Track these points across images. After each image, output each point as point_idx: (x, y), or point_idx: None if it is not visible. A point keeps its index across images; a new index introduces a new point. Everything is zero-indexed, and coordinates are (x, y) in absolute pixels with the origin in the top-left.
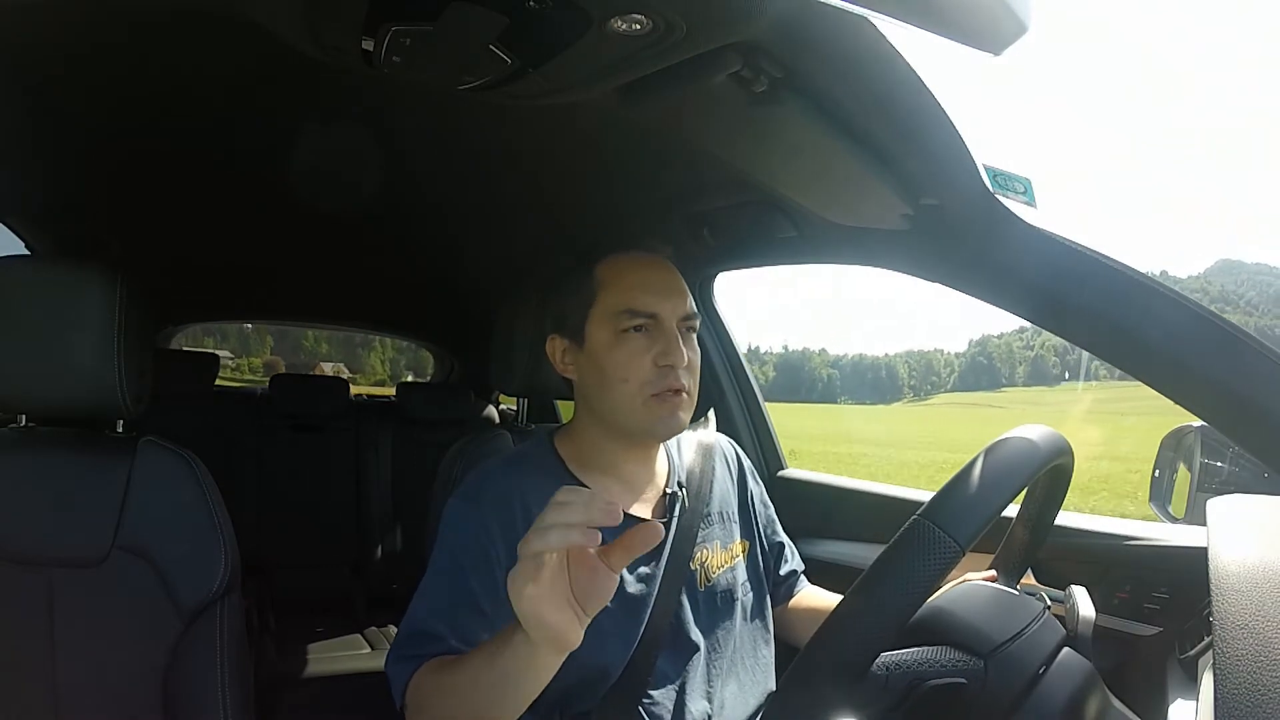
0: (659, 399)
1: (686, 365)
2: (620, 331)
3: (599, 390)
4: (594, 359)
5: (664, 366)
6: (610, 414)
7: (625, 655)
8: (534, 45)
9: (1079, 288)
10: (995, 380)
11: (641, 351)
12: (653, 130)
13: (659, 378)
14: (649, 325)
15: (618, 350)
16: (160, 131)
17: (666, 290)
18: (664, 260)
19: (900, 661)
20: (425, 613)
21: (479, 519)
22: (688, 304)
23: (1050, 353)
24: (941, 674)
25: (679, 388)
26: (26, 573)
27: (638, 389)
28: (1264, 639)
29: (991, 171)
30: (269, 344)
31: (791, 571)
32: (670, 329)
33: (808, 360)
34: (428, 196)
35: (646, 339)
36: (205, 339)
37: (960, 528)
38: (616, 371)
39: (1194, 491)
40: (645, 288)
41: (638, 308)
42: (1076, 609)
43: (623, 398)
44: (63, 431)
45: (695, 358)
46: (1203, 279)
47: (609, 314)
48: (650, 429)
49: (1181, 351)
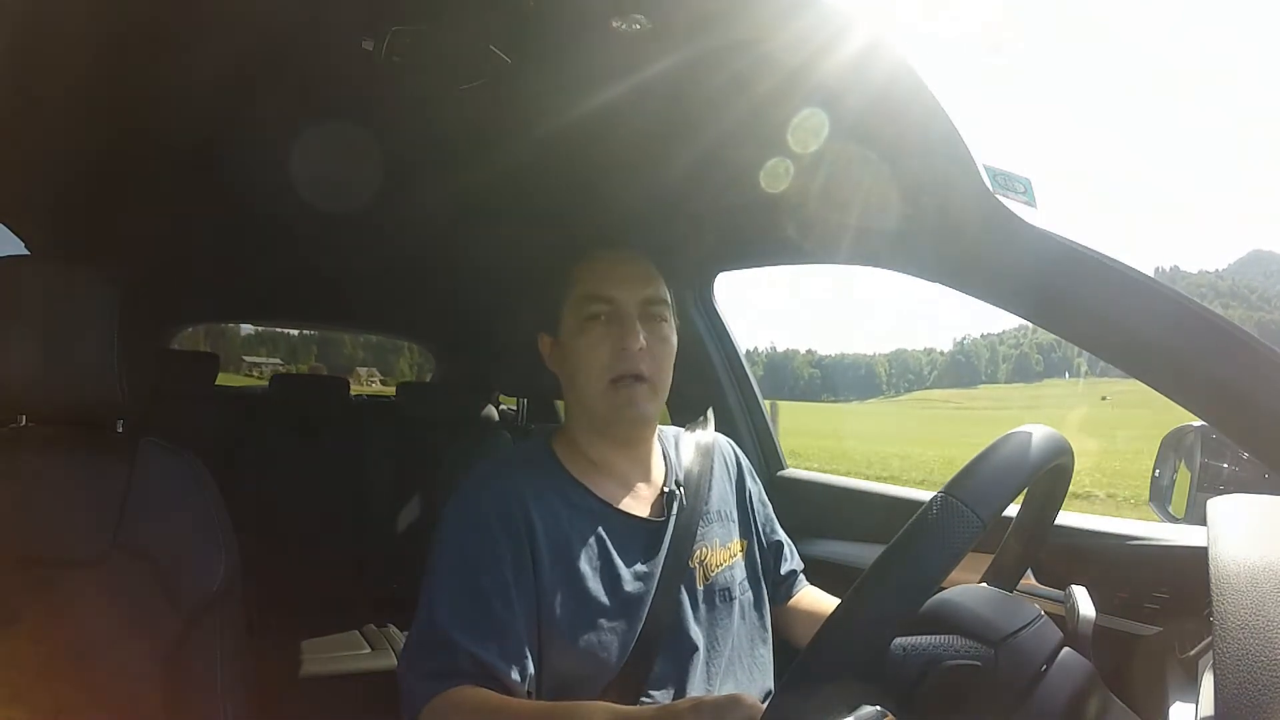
0: (615, 385)
1: (645, 350)
2: (585, 319)
3: (570, 381)
4: (564, 349)
5: (619, 349)
6: (581, 405)
7: (623, 653)
8: (534, 45)
9: (1079, 287)
10: (975, 377)
11: (601, 338)
12: (653, 130)
13: (616, 361)
14: (608, 313)
15: (580, 338)
16: (160, 131)
17: (627, 278)
18: (635, 253)
19: (916, 644)
20: (444, 617)
21: (481, 519)
22: (650, 289)
23: (1034, 350)
24: (956, 657)
25: (636, 373)
26: (26, 572)
27: (597, 375)
28: (1264, 639)
29: (991, 171)
30: (314, 352)
31: (791, 571)
32: (627, 313)
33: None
34: (427, 196)
35: (605, 326)
36: (260, 348)
37: (981, 503)
38: (581, 360)
39: (1194, 491)
40: (606, 276)
41: (597, 293)
42: (1076, 609)
43: (586, 386)
44: (63, 431)
45: (660, 345)
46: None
47: (575, 303)
48: (610, 417)
49: (1181, 351)
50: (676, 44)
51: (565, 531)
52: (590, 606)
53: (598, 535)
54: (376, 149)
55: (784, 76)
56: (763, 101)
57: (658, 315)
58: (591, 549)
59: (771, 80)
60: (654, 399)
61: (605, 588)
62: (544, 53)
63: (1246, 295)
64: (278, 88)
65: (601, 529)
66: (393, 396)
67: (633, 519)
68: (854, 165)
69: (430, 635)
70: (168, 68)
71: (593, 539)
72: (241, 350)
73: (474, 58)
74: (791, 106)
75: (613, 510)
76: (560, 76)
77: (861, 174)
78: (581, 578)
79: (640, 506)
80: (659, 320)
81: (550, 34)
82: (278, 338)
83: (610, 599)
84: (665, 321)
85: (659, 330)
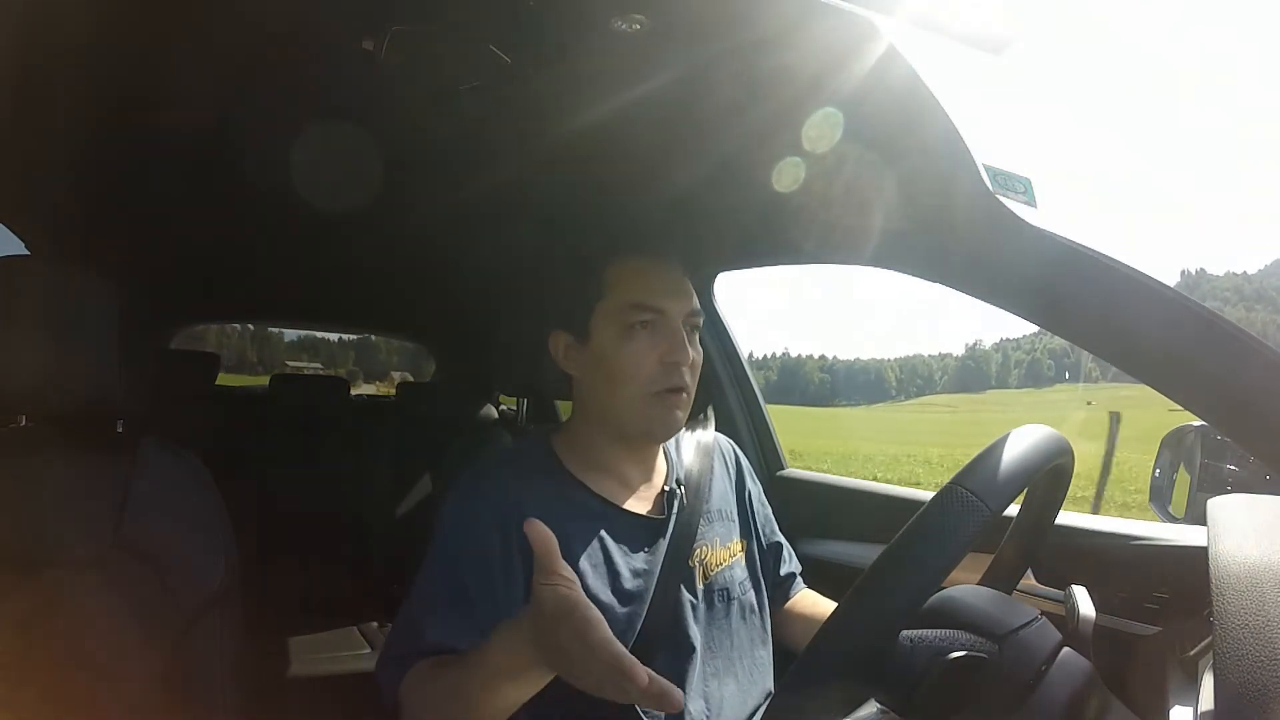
0: (659, 397)
1: (690, 364)
2: (627, 327)
3: (601, 388)
4: (598, 356)
5: (669, 364)
6: (609, 413)
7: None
8: (534, 45)
9: (1079, 288)
10: (984, 383)
11: (647, 348)
12: (654, 130)
13: (663, 375)
14: (655, 321)
15: (624, 347)
16: (160, 131)
17: (674, 288)
18: (672, 262)
19: (923, 635)
20: (417, 608)
21: (475, 518)
22: (694, 301)
23: (1045, 355)
24: (964, 648)
25: (681, 386)
26: (26, 573)
27: (641, 386)
28: (1264, 639)
29: (991, 171)
30: (351, 357)
31: (789, 574)
32: (676, 326)
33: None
34: (428, 197)
35: (652, 336)
36: (302, 354)
37: (990, 493)
38: (622, 368)
39: (1194, 491)
40: (653, 285)
41: (646, 302)
42: (1076, 609)
43: (625, 396)
44: (63, 431)
45: (698, 358)
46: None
47: (616, 310)
48: (648, 429)
49: (1182, 351)
50: (677, 45)
51: (563, 530)
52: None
53: (597, 533)
54: (376, 149)
55: (784, 78)
56: (763, 103)
57: (696, 327)
58: (590, 547)
59: (772, 81)
60: (688, 409)
61: (604, 585)
62: (544, 53)
63: (1275, 298)
64: (278, 88)
65: (601, 527)
66: (393, 396)
67: (633, 517)
68: (854, 165)
69: (403, 621)
70: (168, 68)
71: (591, 537)
72: (285, 355)
73: (474, 58)
74: (792, 108)
75: (613, 508)
76: (560, 77)
77: (862, 174)
78: (581, 576)
79: (640, 505)
80: (696, 332)
81: (550, 34)
82: (318, 344)
83: (609, 596)
84: (698, 332)
85: (695, 342)
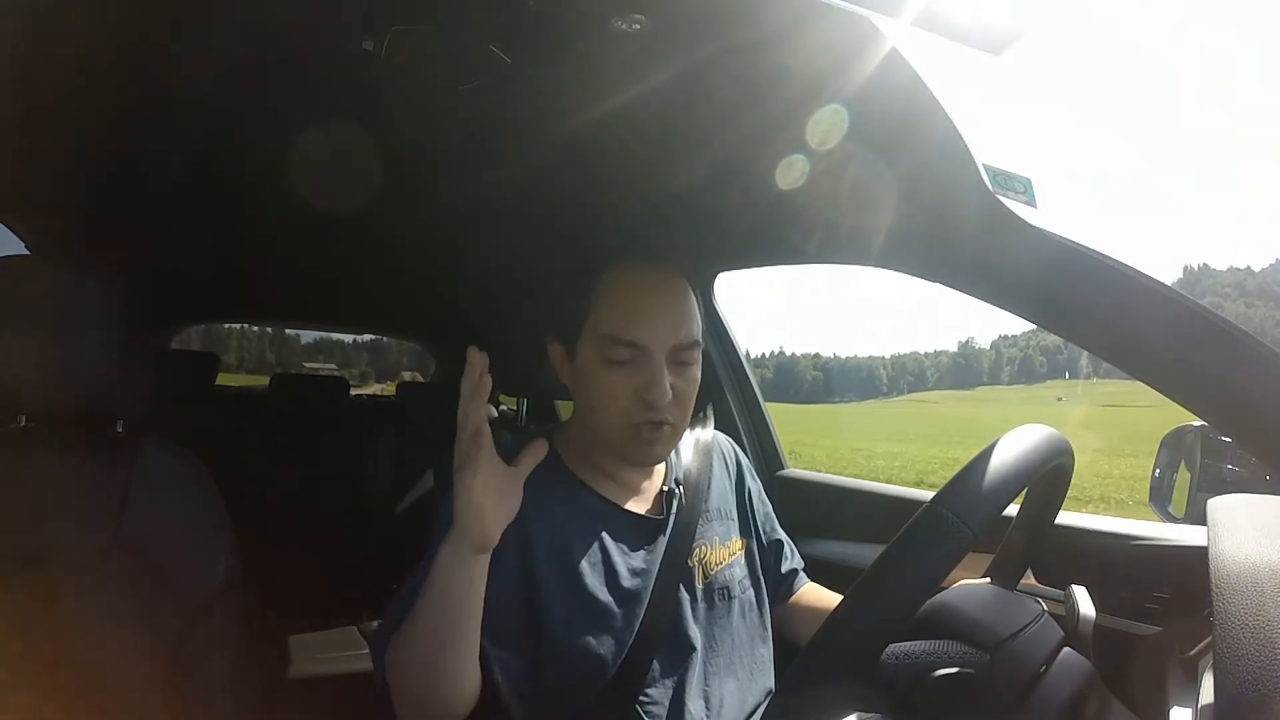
0: (635, 429)
1: (673, 399)
2: (605, 359)
3: (585, 407)
4: (581, 377)
5: (645, 401)
6: (595, 431)
7: (621, 650)
8: (534, 45)
9: (1079, 287)
10: (976, 379)
11: (623, 382)
12: (654, 131)
13: (639, 409)
14: (634, 359)
15: (600, 378)
16: (160, 131)
17: (661, 317)
18: (670, 276)
19: (909, 652)
20: (407, 591)
21: None
22: (684, 331)
23: (1037, 352)
24: (950, 664)
25: (660, 421)
26: (26, 573)
27: (619, 417)
28: (1264, 639)
29: (991, 171)
30: (364, 358)
31: (791, 570)
32: (656, 362)
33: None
34: (427, 196)
35: (630, 370)
36: (318, 355)
37: (972, 514)
38: (600, 397)
39: (1194, 491)
40: (637, 313)
41: (624, 337)
42: (1076, 609)
43: (604, 421)
44: (63, 431)
45: (687, 387)
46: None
47: (598, 336)
48: (625, 455)
49: (1182, 351)
50: (677, 44)
51: (563, 528)
52: (588, 603)
53: (596, 532)
54: (376, 149)
55: (784, 78)
56: (763, 103)
57: (686, 361)
58: (590, 546)
59: (772, 82)
60: (673, 440)
61: (603, 584)
62: (544, 53)
63: (1277, 293)
64: (278, 88)
65: (600, 526)
66: (393, 396)
67: (632, 516)
68: (854, 165)
69: (397, 608)
70: (168, 67)
71: (591, 536)
72: (301, 357)
73: (474, 58)
74: (792, 108)
75: (612, 507)
76: (560, 77)
77: (861, 174)
78: (580, 574)
79: (640, 504)
80: (688, 365)
81: (550, 34)
82: (333, 345)
83: (608, 595)
84: (695, 364)
85: (686, 373)
